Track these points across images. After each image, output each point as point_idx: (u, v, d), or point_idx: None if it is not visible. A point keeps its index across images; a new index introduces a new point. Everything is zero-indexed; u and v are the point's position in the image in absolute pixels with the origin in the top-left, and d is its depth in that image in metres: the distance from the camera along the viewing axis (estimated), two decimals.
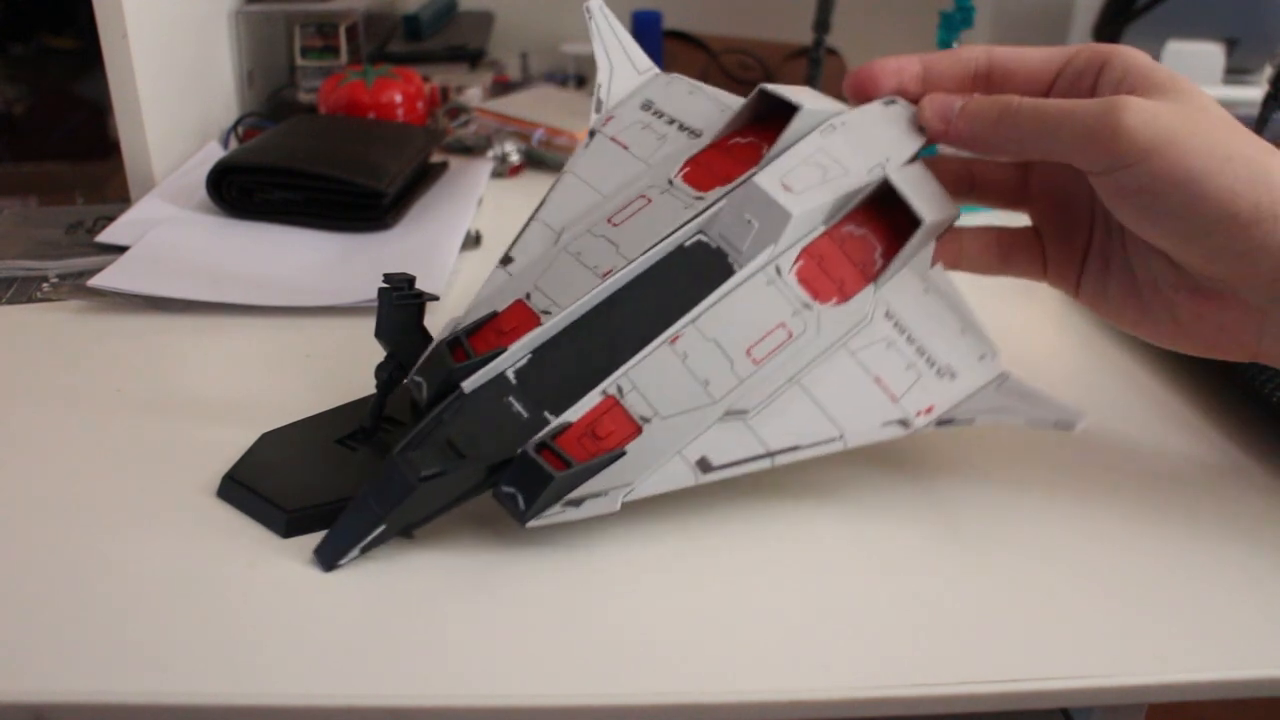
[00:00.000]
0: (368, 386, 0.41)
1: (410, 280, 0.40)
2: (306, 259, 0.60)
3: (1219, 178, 0.34)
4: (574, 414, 0.35)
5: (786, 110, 0.39)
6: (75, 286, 0.55)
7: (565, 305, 0.36)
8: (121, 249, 0.58)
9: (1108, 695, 0.31)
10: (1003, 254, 0.43)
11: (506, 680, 0.30)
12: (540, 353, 0.35)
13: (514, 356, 0.35)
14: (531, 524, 0.34)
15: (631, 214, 0.39)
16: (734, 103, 0.42)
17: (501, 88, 0.97)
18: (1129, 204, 0.36)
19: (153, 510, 0.37)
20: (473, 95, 0.90)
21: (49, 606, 0.32)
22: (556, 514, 0.34)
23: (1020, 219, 0.44)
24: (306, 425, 0.42)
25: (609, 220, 0.39)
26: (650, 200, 0.39)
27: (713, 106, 0.42)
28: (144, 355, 0.49)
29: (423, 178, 0.71)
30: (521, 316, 0.37)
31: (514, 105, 0.86)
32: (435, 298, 0.42)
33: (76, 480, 0.39)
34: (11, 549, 0.35)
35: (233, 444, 0.40)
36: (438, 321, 0.40)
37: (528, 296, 0.38)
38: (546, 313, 0.37)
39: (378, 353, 0.41)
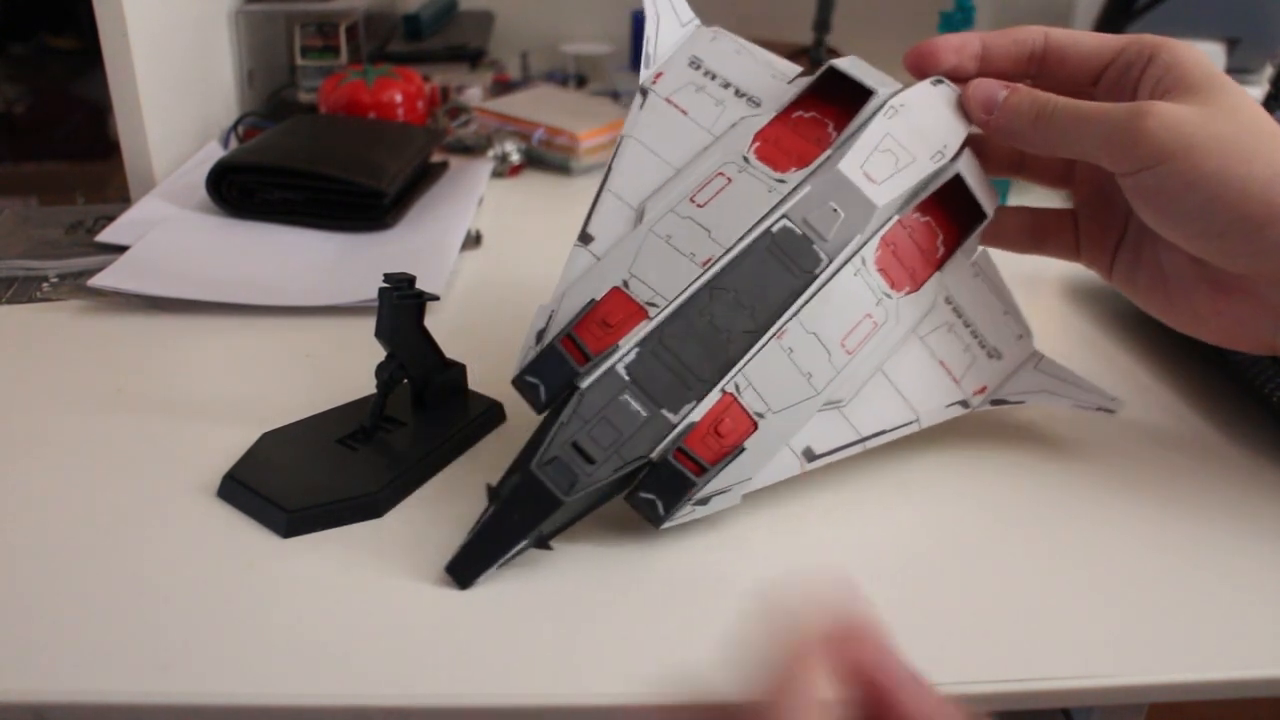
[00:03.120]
0: (368, 386, 0.41)
1: (410, 280, 0.40)
2: (306, 259, 0.60)
3: (1234, 181, 0.35)
4: (697, 413, 0.35)
5: (845, 83, 0.40)
6: (75, 286, 0.55)
7: (667, 295, 0.36)
8: (121, 249, 0.58)
9: (1108, 695, 0.31)
10: (1038, 234, 0.44)
11: (502, 679, 0.30)
12: (646, 345, 0.36)
13: (623, 351, 0.36)
14: (664, 526, 0.35)
15: (714, 194, 0.39)
16: (781, 65, 0.43)
17: (501, 87, 0.97)
18: (1149, 204, 0.37)
19: (153, 510, 0.37)
20: (473, 95, 0.90)
21: (49, 606, 0.32)
22: (687, 514, 0.35)
23: (1054, 200, 0.45)
24: (306, 425, 0.42)
25: (692, 199, 0.39)
26: (730, 180, 0.39)
27: (763, 69, 0.43)
28: (144, 355, 0.49)
29: (423, 178, 0.71)
30: (627, 309, 0.37)
31: (514, 105, 0.86)
32: (435, 297, 0.42)
33: (76, 480, 0.39)
34: (12, 549, 0.35)
35: (233, 444, 0.40)
36: (438, 321, 0.40)
37: (625, 284, 0.37)
38: (651, 304, 0.37)
39: (378, 353, 0.41)
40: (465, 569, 0.34)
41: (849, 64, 0.41)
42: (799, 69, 0.43)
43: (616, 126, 0.82)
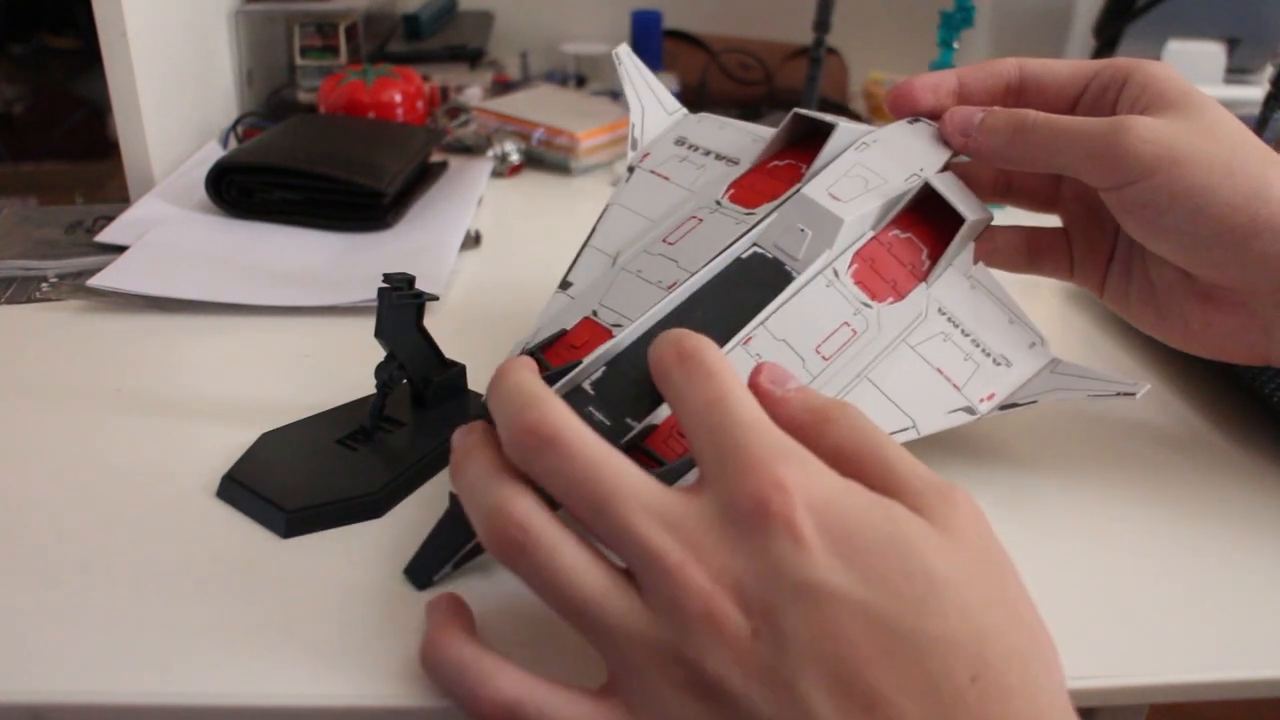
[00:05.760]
0: (368, 386, 0.41)
1: (410, 280, 0.40)
2: (306, 259, 0.60)
3: (1218, 193, 0.35)
4: (658, 417, 0.35)
5: (820, 132, 0.41)
6: (75, 286, 0.55)
7: (633, 317, 0.37)
8: (121, 249, 0.58)
9: (1108, 695, 0.31)
10: (1033, 253, 0.44)
11: None
12: (615, 364, 0.36)
13: (590, 369, 0.35)
14: None
15: (686, 233, 0.40)
16: (764, 133, 0.44)
17: (501, 87, 0.97)
18: (1135, 218, 0.38)
19: (153, 510, 0.37)
20: (473, 95, 0.90)
21: (49, 606, 0.32)
22: None
23: (1051, 220, 0.45)
24: (306, 425, 0.42)
25: (664, 240, 0.40)
26: (702, 220, 0.40)
27: (744, 137, 0.44)
28: (144, 355, 0.49)
29: (423, 177, 0.71)
30: (592, 331, 0.38)
31: (514, 105, 0.86)
32: (435, 298, 0.42)
33: (76, 480, 0.39)
34: (11, 549, 0.35)
35: (233, 444, 0.40)
36: (438, 321, 0.40)
37: (594, 314, 0.39)
38: (617, 325, 0.37)
39: (378, 353, 0.41)
40: (421, 571, 0.34)
41: (817, 114, 0.42)
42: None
43: (616, 126, 0.82)
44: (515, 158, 0.79)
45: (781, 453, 0.26)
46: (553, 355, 0.38)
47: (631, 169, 0.45)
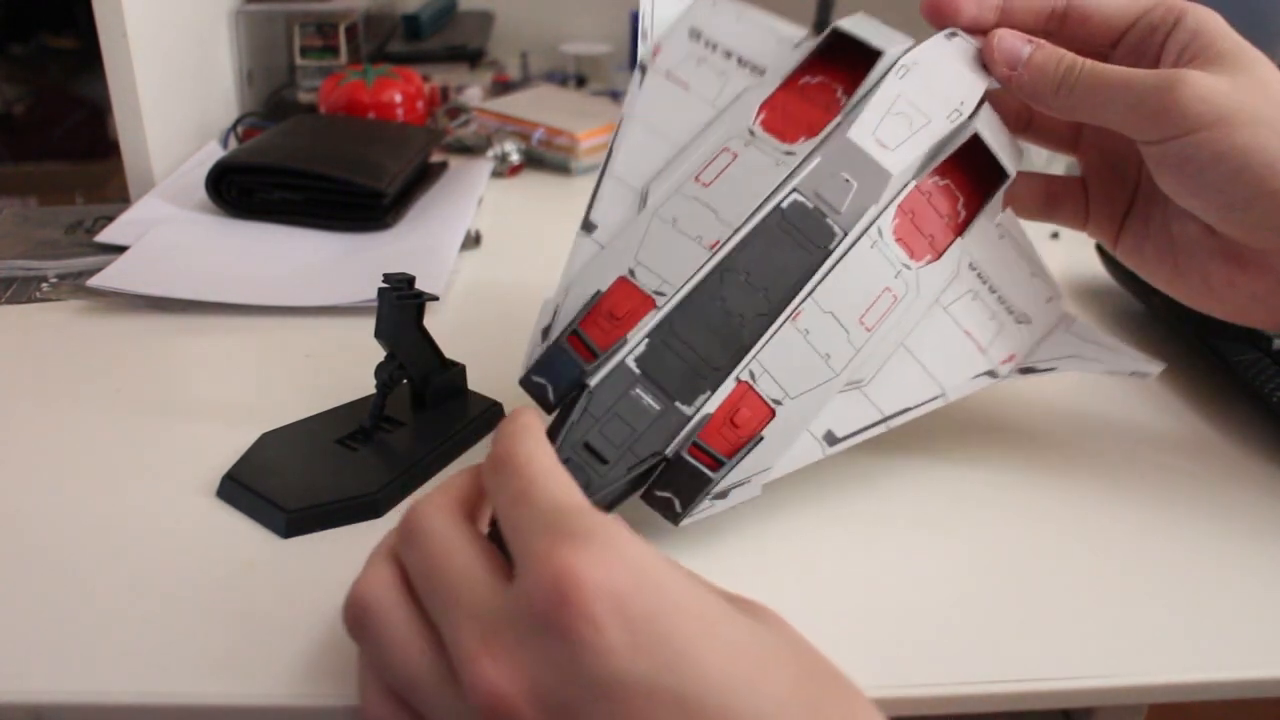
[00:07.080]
0: (368, 386, 0.41)
1: (410, 280, 0.40)
2: (306, 259, 0.60)
3: (1264, 154, 0.34)
4: (711, 405, 0.34)
5: (851, 45, 0.39)
6: (75, 286, 0.55)
7: (674, 282, 0.36)
8: (121, 249, 0.58)
9: (1107, 695, 0.31)
10: (1050, 201, 0.43)
11: None
12: (656, 335, 0.35)
13: (632, 343, 0.35)
14: (683, 523, 0.34)
15: (720, 171, 0.38)
16: (786, 30, 0.41)
17: (501, 87, 0.97)
18: (1175, 173, 0.37)
19: (153, 510, 0.37)
20: (473, 95, 0.90)
21: (49, 606, 0.32)
22: (705, 509, 0.35)
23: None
24: (306, 425, 0.42)
25: (697, 179, 0.38)
26: (736, 155, 0.38)
27: (767, 35, 0.41)
28: (144, 355, 0.49)
29: (423, 178, 0.71)
30: (634, 299, 0.36)
31: (514, 105, 0.86)
32: (435, 298, 0.42)
33: (76, 480, 0.39)
34: (11, 549, 0.35)
35: (233, 444, 0.40)
36: (438, 321, 0.40)
37: (631, 273, 0.36)
38: (659, 292, 0.36)
39: (378, 353, 0.41)
40: None
41: (855, 24, 0.39)
42: (804, 32, 0.41)
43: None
44: (515, 158, 0.79)
45: (584, 535, 0.24)
46: (592, 326, 0.36)
47: (644, 69, 0.41)
